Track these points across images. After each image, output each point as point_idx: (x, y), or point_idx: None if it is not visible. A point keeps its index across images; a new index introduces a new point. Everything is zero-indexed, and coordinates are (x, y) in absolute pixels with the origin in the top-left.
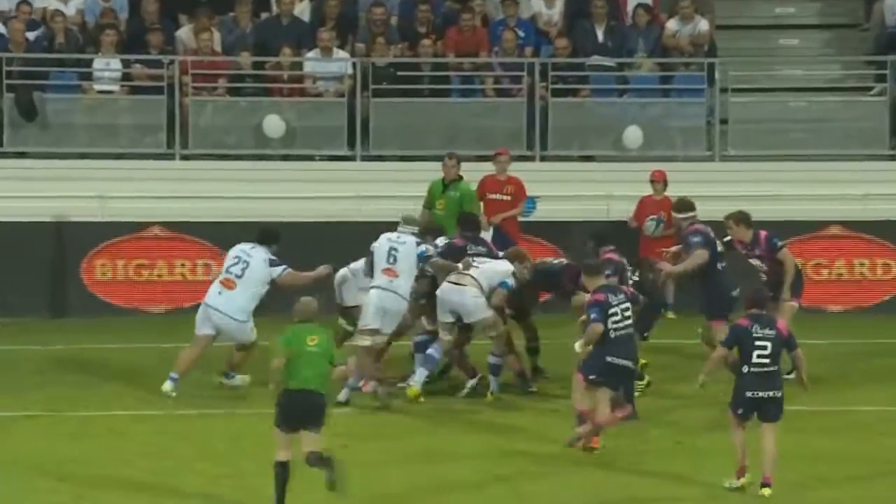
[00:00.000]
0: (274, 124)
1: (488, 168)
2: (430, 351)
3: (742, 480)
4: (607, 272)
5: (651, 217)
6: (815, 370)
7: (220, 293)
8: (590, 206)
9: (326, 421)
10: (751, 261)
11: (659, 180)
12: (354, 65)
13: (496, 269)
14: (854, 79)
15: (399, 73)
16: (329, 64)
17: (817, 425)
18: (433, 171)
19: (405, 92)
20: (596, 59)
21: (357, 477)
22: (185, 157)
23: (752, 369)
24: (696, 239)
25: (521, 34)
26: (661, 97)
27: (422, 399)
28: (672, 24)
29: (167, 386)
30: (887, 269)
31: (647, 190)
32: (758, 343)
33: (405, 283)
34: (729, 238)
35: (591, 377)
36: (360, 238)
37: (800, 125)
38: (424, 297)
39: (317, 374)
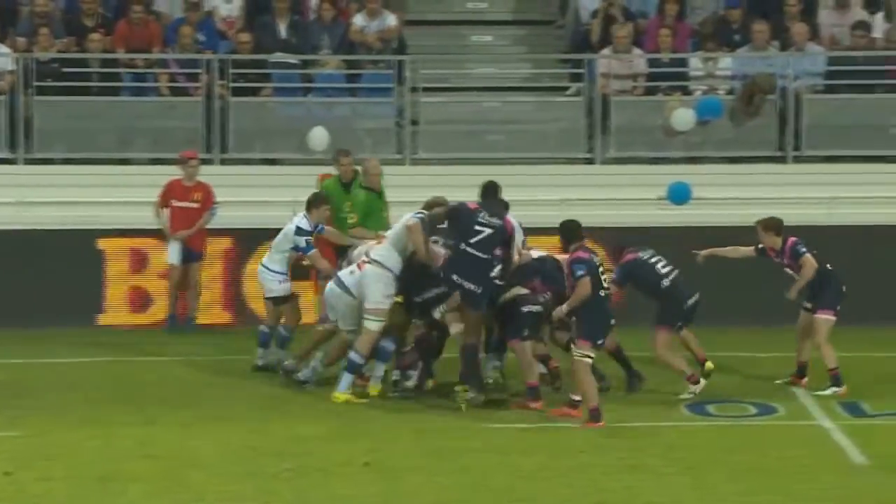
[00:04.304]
0: None
1: (167, 172)
2: (382, 344)
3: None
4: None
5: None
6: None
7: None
8: (275, 213)
9: None
10: (786, 269)
11: None
12: (17, 60)
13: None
14: (549, 78)
15: (65, 70)
16: None
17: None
18: (104, 175)
19: (72, 90)
20: (279, 57)
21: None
22: None
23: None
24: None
25: (203, 38)
26: (348, 97)
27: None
28: (359, 20)
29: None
30: None
31: None
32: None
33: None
34: (762, 245)
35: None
36: (21, 247)
37: (494, 126)
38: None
39: None
